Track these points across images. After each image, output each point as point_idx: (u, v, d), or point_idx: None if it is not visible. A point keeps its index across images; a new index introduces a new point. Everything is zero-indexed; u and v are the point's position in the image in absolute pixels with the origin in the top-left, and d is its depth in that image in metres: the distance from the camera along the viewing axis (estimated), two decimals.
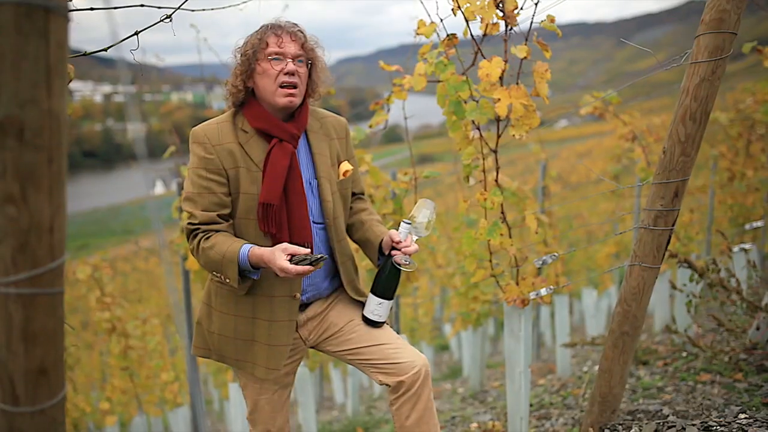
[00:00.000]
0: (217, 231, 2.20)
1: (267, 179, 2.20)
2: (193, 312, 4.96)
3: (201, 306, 2.44)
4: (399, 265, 2.32)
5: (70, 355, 7.37)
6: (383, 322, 2.39)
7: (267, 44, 2.23)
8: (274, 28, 2.26)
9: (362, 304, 2.46)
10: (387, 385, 2.29)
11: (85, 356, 12.88)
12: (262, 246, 2.18)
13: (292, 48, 2.24)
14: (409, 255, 2.32)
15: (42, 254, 0.98)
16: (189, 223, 2.23)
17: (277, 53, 2.22)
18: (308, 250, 2.09)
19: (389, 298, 2.37)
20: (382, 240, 2.38)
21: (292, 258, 2.07)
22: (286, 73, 2.22)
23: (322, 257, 2.07)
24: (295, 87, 2.25)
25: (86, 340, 13.68)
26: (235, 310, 2.30)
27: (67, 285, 1.09)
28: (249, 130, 2.27)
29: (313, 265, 2.06)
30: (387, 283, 2.34)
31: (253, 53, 2.24)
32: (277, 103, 2.24)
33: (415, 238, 2.35)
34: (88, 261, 6.42)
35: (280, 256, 2.06)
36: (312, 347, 2.47)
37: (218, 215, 2.21)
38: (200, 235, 2.20)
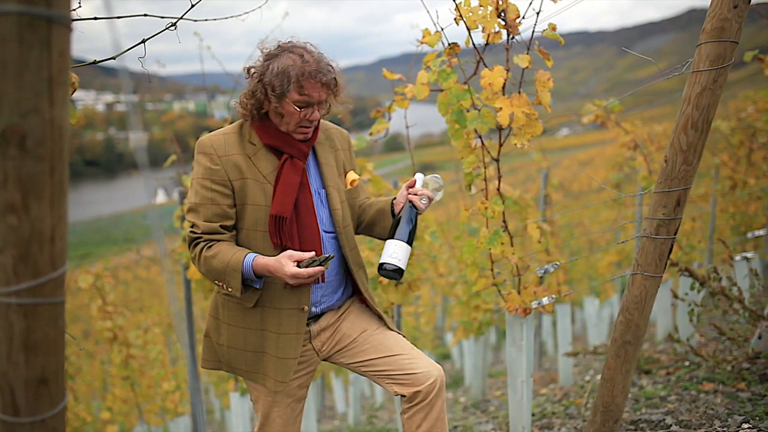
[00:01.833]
0: (219, 241, 2.20)
1: (279, 194, 2.19)
2: (195, 321, 4.95)
3: (208, 319, 2.41)
4: (416, 206, 2.29)
5: (71, 364, 7.37)
6: (401, 270, 2.26)
7: (301, 88, 2.13)
8: (313, 77, 2.13)
9: (374, 314, 2.45)
10: (402, 395, 2.27)
11: (87, 365, 12.88)
12: (270, 257, 2.18)
13: (322, 95, 2.18)
14: (427, 198, 2.30)
15: (43, 264, 0.98)
16: (191, 232, 2.22)
17: (307, 102, 2.16)
18: (312, 254, 2.09)
19: (407, 242, 2.28)
20: (394, 200, 2.38)
21: (299, 264, 2.07)
22: (308, 119, 2.21)
23: (329, 256, 2.08)
24: (312, 126, 2.26)
25: (87, 349, 13.67)
26: (244, 322, 2.28)
27: (68, 294, 1.09)
28: (257, 142, 2.25)
29: (322, 265, 2.06)
30: (404, 226, 2.28)
31: (282, 91, 2.13)
32: (286, 136, 2.25)
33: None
34: (90, 270, 6.43)
35: (287, 263, 2.06)
36: (325, 359, 2.44)
37: (221, 226, 2.20)
38: (202, 244, 2.19)
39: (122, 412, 7.62)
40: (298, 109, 2.16)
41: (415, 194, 2.30)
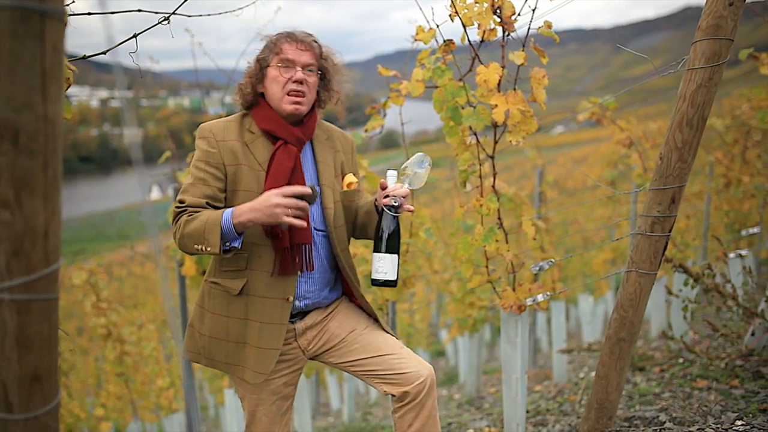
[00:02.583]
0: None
1: (270, 179, 2.20)
2: (189, 318, 4.94)
3: (194, 308, 2.42)
4: (388, 207, 2.22)
5: (65, 360, 7.34)
6: (393, 281, 2.26)
7: (279, 50, 2.25)
8: (288, 36, 2.28)
9: (363, 313, 2.45)
10: (392, 395, 2.27)
11: (81, 362, 12.84)
12: (257, 243, 2.20)
13: (303, 57, 2.26)
14: (401, 197, 2.22)
15: (36, 260, 0.97)
16: (177, 207, 2.21)
17: (287, 60, 2.25)
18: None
19: (390, 252, 2.24)
20: (376, 200, 2.35)
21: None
22: (294, 81, 2.24)
23: (313, 187, 2.06)
24: (302, 95, 2.26)
25: (82, 345, 13.65)
26: (228, 311, 2.28)
27: (62, 290, 1.08)
28: (256, 131, 2.29)
29: (306, 200, 2.05)
30: (383, 235, 2.24)
31: (264, 58, 2.28)
32: (284, 110, 2.26)
33: (406, 186, 2.27)
34: (83, 266, 6.40)
35: (272, 192, 2.04)
36: (312, 358, 2.43)
37: (207, 203, 2.19)
38: (185, 215, 2.17)
39: (116, 409, 7.61)
40: (277, 73, 2.24)
41: (388, 195, 2.24)
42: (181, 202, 2.21)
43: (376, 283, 2.26)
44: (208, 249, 2.09)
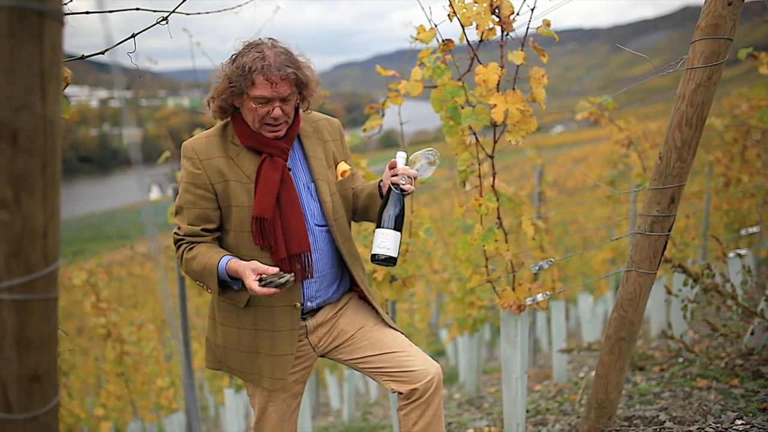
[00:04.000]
0: (199, 243, 2.23)
1: (259, 194, 2.19)
2: (189, 317, 4.94)
3: (207, 320, 2.45)
4: (395, 186, 2.21)
5: (65, 361, 7.36)
6: (394, 258, 2.22)
7: (253, 83, 2.11)
8: (264, 71, 2.09)
9: (372, 310, 2.45)
10: (399, 392, 2.27)
11: (81, 362, 12.83)
12: (256, 257, 2.20)
13: (280, 90, 2.13)
14: (409, 177, 2.21)
15: (36, 260, 0.97)
16: (175, 233, 2.28)
17: (264, 98, 2.13)
18: (277, 269, 2.05)
19: (393, 228, 2.21)
20: (381, 182, 2.32)
21: (261, 278, 2.04)
22: (272, 117, 2.17)
23: (288, 281, 2.02)
24: (281, 124, 2.22)
25: (81, 345, 13.63)
26: (237, 322, 2.30)
27: (62, 290, 1.08)
28: (239, 143, 2.26)
29: (278, 288, 2.02)
30: (389, 211, 2.21)
31: (237, 86, 2.13)
32: (263, 135, 2.22)
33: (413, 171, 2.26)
34: (83, 266, 6.40)
35: (249, 275, 2.05)
36: (322, 356, 2.44)
37: (202, 229, 2.23)
38: (184, 245, 2.24)
39: (116, 409, 7.60)
40: (254, 106, 2.15)
41: (396, 174, 2.23)
42: (178, 227, 2.26)
43: (376, 259, 2.22)
44: (209, 291, 2.23)
